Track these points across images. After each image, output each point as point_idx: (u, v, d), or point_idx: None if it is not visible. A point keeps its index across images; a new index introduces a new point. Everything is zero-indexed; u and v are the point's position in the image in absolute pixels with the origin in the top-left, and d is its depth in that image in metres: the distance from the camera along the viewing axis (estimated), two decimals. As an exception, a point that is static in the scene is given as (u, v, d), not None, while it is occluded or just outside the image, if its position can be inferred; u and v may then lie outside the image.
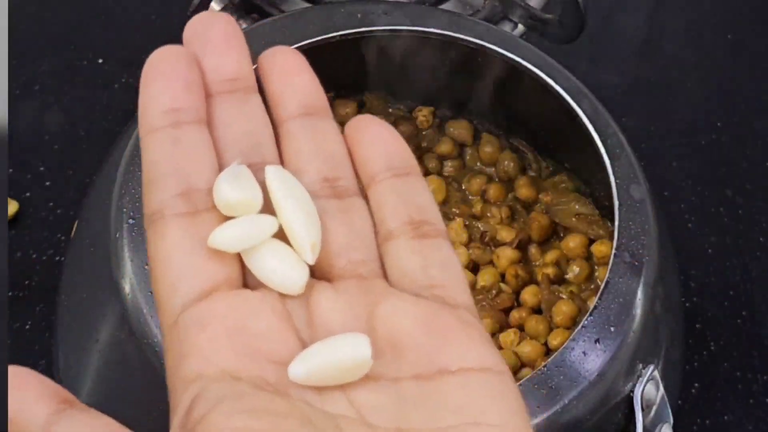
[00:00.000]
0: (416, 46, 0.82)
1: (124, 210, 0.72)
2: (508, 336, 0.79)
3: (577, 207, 0.83)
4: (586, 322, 0.70)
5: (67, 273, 0.78)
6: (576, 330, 0.70)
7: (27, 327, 0.86)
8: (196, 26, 0.48)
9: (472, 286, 0.81)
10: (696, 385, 0.87)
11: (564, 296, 0.80)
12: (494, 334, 0.80)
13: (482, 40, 0.79)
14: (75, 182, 0.92)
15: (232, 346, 0.43)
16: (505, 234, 0.83)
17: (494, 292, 0.80)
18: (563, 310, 0.79)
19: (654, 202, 0.76)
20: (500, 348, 0.79)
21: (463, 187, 0.86)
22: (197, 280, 0.44)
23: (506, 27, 0.90)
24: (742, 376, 0.87)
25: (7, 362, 0.43)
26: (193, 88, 0.47)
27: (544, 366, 0.69)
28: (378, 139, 0.49)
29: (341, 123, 0.86)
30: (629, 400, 0.71)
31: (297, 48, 0.79)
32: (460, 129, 0.87)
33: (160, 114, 0.46)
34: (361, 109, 0.87)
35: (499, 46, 0.79)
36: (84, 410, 0.43)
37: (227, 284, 0.44)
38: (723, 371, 0.88)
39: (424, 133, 0.87)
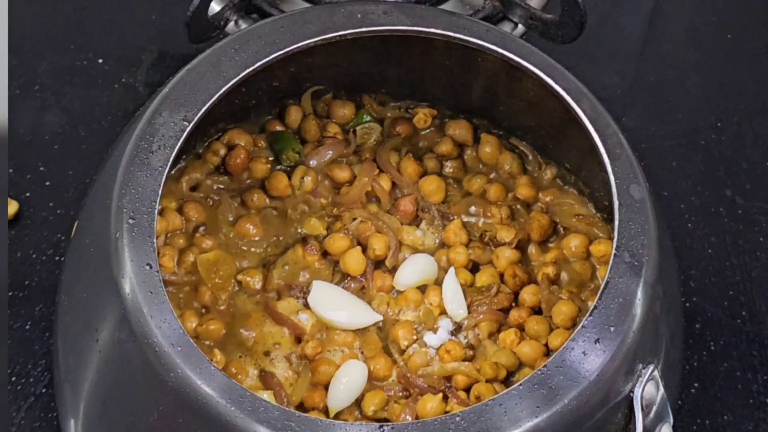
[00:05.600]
0: (416, 46, 0.82)
1: (124, 210, 0.72)
2: (508, 336, 0.79)
3: (577, 207, 0.83)
4: (586, 322, 0.70)
5: (67, 273, 0.78)
6: (576, 330, 0.70)
7: (27, 327, 0.86)
8: None
9: (471, 286, 0.81)
10: (696, 385, 0.87)
11: (564, 296, 0.80)
12: (494, 334, 0.80)
13: (482, 40, 0.79)
14: (75, 182, 0.92)
15: None
16: (505, 234, 0.83)
17: (493, 291, 0.80)
18: (563, 310, 0.79)
19: (654, 202, 0.76)
20: (500, 348, 0.79)
21: (464, 187, 0.86)
22: None
23: (506, 27, 0.90)
24: (742, 376, 0.87)
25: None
26: None
27: (544, 366, 0.69)
28: None
29: (340, 123, 0.87)
30: (629, 400, 0.71)
31: (297, 48, 0.80)
32: (460, 129, 0.87)
33: None
34: (360, 109, 0.87)
35: (499, 46, 0.79)
36: None
37: None
38: (723, 371, 0.88)
39: (423, 133, 0.87)
